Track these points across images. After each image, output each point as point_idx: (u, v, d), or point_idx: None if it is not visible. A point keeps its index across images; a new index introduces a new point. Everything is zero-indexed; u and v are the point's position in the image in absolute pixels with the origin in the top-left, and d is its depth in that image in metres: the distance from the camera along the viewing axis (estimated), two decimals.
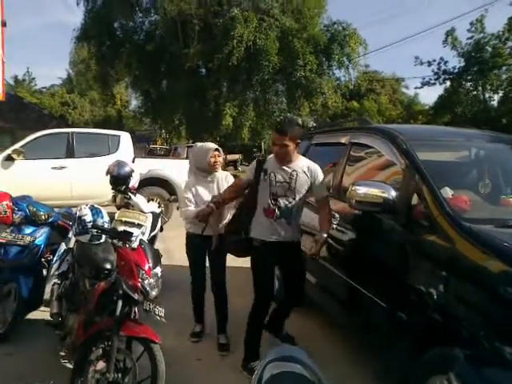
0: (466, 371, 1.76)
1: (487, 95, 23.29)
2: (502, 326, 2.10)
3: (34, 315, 3.99)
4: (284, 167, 3.37)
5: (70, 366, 2.94)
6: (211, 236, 3.76)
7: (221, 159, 3.88)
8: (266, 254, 3.39)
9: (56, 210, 4.33)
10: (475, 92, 23.41)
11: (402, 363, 2.67)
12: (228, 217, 3.82)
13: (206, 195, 3.79)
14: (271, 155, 3.49)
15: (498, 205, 3.17)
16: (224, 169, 4.07)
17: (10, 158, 8.36)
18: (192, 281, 4.05)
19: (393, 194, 2.91)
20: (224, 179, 3.94)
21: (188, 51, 18.71)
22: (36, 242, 3.89)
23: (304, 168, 3.41)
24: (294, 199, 3.38)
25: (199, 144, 4.05)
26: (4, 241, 3.87)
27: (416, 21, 64.07)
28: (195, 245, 3.88)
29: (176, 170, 9.64)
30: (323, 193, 3.48)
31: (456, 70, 22.68)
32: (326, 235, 3.34)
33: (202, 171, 3.85)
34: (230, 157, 27.03)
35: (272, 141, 3.45)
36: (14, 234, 3.89)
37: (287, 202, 3.36)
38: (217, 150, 3.85)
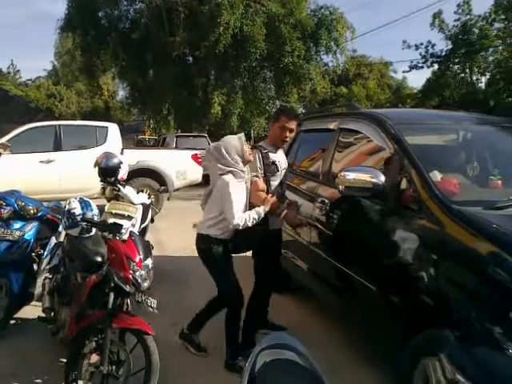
0: (456, 352, 1.79)
1: (474, 77, 23.35)
2: (491, 306, 2.13)
3: (25, 310, 3.97)
4: (278, 154, 3.48)
5: (63, 360, 2.94)
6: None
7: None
8: (270, 242, 3.48)
9: (45, 204, 4.30)
10: (463, 74, 23.44)
11: (393, 346, 2.70)
12: None
13: (242, 197, 3.29)
14: (261, 142, 3.51)
15: (486, 187, 3.19)
16: None
17: None
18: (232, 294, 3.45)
19: (382, 178, 2.92)
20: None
21: (174, 39, 18.52)
22: (25, 236, 3.86)
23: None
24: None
25: (224, 139, 3.41)
26: None
27: (404, 4, 63.77)
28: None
29: (165, 160, 9.61)
30: None
31: (443, 53, 22.66)
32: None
33: (238, 165, 3.29)
34: None
35: (282, 126, 3.38)
36: (2, 230, 3.85)
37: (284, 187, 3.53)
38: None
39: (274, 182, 3.42)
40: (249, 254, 3.63)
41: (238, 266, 3.48)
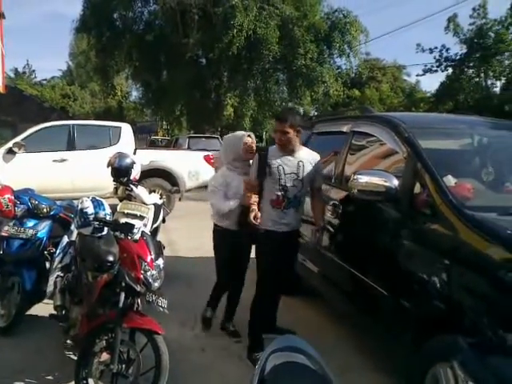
0: (469, 359, 1.76)
1: (489, 82, 23.10)
2: (505, 313, 2.10)
3: (37, 308, 3.99)
4: (289, 157, 3.42)
5: (74, 357, 2.95)
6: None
7: (254, 145, 3.76)
8: (274, 244, 3.41)
9: (58, 202, 4.33)
10: (477, 79, 23.21)
11: (405, 352, 2.67)
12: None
13: (239, 189, 3.63)
14: (273, 146, 3.52)
15: (501, 192, 3.15)
16: None
17: (11, 152, 8.33)
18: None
19: (395, 182, 2.90)
20: None
21: (188, 41, 18.61)
22: (38, 234, 3.89)
23: (309, 158, 3.50)
24: (302, 189, 3.46)
25: (228, 135, 4.01)
26: (6, 234, 3.88)
27: (418, 7, 63.40)
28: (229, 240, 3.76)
29: (178, 161, 9.63)
30: (320, 183, 3.63)
31: (458, 57, 22.48)
32: (321, 225, 3.61)
33: (238, 162, 3.73)
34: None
35: (274, 129, 3.51)
36: (16, 228, 3.88)
37: (296, 192, 3.42)
38: (249, 135, 3.79)
39: (271, 185, 3.39)
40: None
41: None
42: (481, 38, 21.36)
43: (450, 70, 23.16)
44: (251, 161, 3.68)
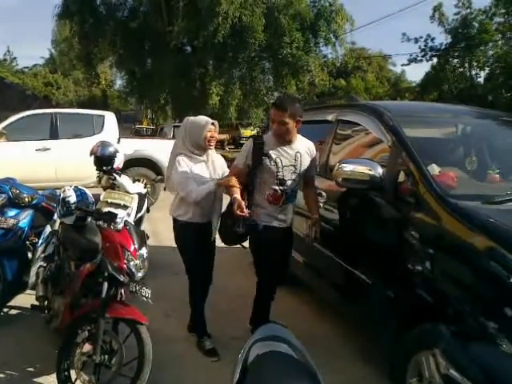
0: (451, 347, 1.78)
1: (474, 72, 23.26)
2: (486, 302, 2.12)
3: (19, 299, 3.94)
4: (286, 148, 3.20)
5: (56, 348, 2.92)
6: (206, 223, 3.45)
7: (216, 135, 3.44)
8: (273, 241, 3.27)
9: (40, 192, 4.26)
10: (462, 69, 23.36)
11: (388, 340, 2.69)
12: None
13: (200, 177, 3.33)
14: (268, 133, 3.37)
15: (484, 181, 3.17)
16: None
17: None
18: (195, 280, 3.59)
19: (380, 171, 2.90)
20: (217, 161, 3.55)
21: (173, 29, 18.41)
22: (20, 224, 3.82)
23: (305, 148, 3.32)
24: (299, 181, 3.30)
25: (192, 118, 3.55)
26: None
27: None
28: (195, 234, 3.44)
29: (162, 150, 9.51)
30: (313, 172, 3.47)
31: (443, 47, 22.59)
32: (317, 216, 3.36)
33: (197, 149, 3.38)
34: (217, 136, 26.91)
35: (271, 118, 3.24)
36: None
37: (294, 185, 3.26)
38: (213, 124, 3.41)
39: (268, 178, 3.20)
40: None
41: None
42: (465, 27, 21.51)
43: (435, 60, 23.29)
44: (211, 152, 3.48)
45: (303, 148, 3.30)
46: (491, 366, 1.61)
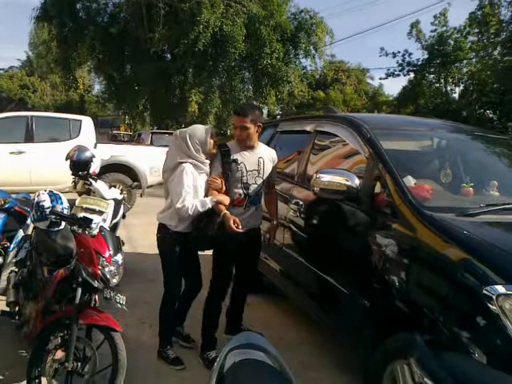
0: (425, 356, 1.80)
1: (449, 88, 23.86)
2: (459, 312, 2.15)
3: None
4: (249, 153, 3.35)
5: (27, 355, 2.86)
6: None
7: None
8: (231, 245, 3.32)
9: (13, 195, 4.19)
10: (438, 84, 23.93)
11: (364, 349, 2.71)
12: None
13: (201, 189, 3.29)
14: (231, 141, 3.46)
15: (458, 194, 3.23)
16: None
17: None
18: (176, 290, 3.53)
19: (356, 182, 2.93)
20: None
21: (153, 35, 18.36)
22: None
23: (267, 154, 3.47)
24: (262, 185, 3.42)
25: (187, 129, 3.42)
26: None
27: (383, 12, 64.66)
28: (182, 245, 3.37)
29: (139, 156, 9.50)
30: (275, 178, 3.63)
31: (420, 62, 23.10)
32: (277, 222, 3.61)
33: (200, 157, 3.30)
34: None
35: (233, 124, 3.40)
36: None
37: (257, 189, 3.39)
38: (212, 129, 3.44)
39: (233, 183, 3.30)
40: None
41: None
42: (441, 45, 22.11)
43: (412, 75, 23.81)
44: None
45: (265, 154, 3.44)
46: (464, 376, 1.64)
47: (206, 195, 3.28)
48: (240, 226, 3.12)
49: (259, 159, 3.37)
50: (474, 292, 2.05)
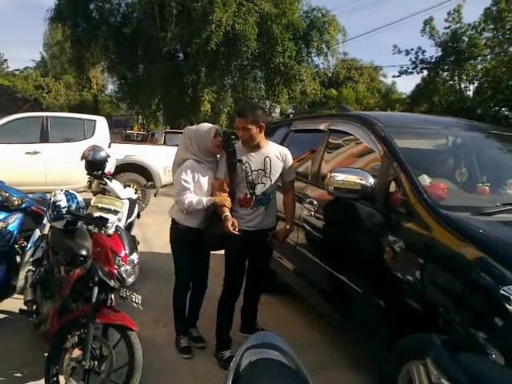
0: (442, 356, 1.78)
1: (463, 85, 23.62)
2: (476, 311, 2.14)
3: (7, 303, 3.90)
4: (255, 153, 3.35)
5: (44, 354, 2.89)
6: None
7: (221, 139, 3.47)
8: (242, 243, 3.33)
9: (30, 195, 4.23)
10: (451, 82, 23.71)
11: (379, 349, 2.70)
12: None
13: (206, 185, 3.40)
14: (238, 142, 3.47)
15: (474, 192, 3.20)
16: None
17: None
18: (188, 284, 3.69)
19: (371, 181, 2.92)
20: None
21: (165, 35, 18.41)
22: (9, 228, 3.79)
23: (276, 152, 3.43)
24: (270, 185, 3.39)
25: (194, 126, 3.67)
26: None
27: (397, 9, 64.14)
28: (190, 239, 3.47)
29: (153, 156, 9.55)
30: (291, 177, 3.55)
31: (433, 60, 22.90)
32: (290, 227, 3.53)
33: (206, 155, 3.45)
34: None
35: (236, 126, 3.41)
36: None
37: (264, 189, 3.37)
38: (217, 128, 3.50)
39: (239, 183, 3.34)
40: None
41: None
42: (455, 41, 21.86)
43: (426, 73, 23.63)
44: (218, 156, 3.55)
45: (273, 153, 3.41)
46: (481, 376, 1.62)
47: (212, 195, 3.37)
48: (237, 229, 3.19)
49: (265, 158, 3.35)
50: (491, 292, 2.04)
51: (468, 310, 2.17)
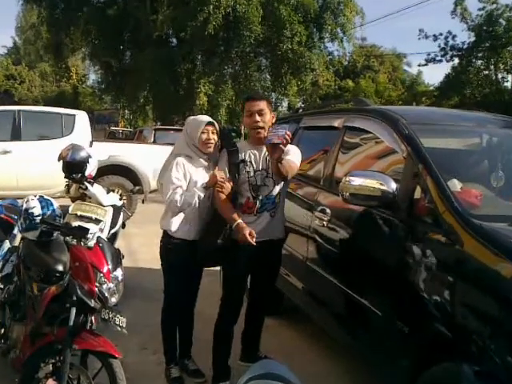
0: None
1: (500, 75, 23.60)
2: None
3: None
4: (257, 151, 3.37)
5: None
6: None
7: (215, 137, 3.47)
8: (244, 259, 3.33)
9: None
10: (487, 71, 23.68)
11: (403, 380, 2.69)
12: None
13: (201, 181, 3.41)
14: (241, 141, 3.48)
15: None
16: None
17: None
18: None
19: (393, 186, 2.92)
20: None
21: (156, 17, 18.53)
22: None
23: None
24: (274, 187, 3.37)
25: (193, 117, 3.79)
26: None
27: None
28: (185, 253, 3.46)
29: (141, 156, 9.58)
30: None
31: (465, 46, 22.89)
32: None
33: (194, 151, 3.50)
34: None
35: (247, 112, 3.35)
36: None
37: (267, 192, 3.35)
38: (210, 123, 3.47)
39: (240, 185, 3.34)
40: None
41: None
42: (490, 25, 21.79)
43: (456, 61, 23.57)
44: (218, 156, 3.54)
45: None
46: None
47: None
48: (254, 239, 3.13)
49: (268, 157, 3.32)
50: None
51: (505, 336, 2.15)
